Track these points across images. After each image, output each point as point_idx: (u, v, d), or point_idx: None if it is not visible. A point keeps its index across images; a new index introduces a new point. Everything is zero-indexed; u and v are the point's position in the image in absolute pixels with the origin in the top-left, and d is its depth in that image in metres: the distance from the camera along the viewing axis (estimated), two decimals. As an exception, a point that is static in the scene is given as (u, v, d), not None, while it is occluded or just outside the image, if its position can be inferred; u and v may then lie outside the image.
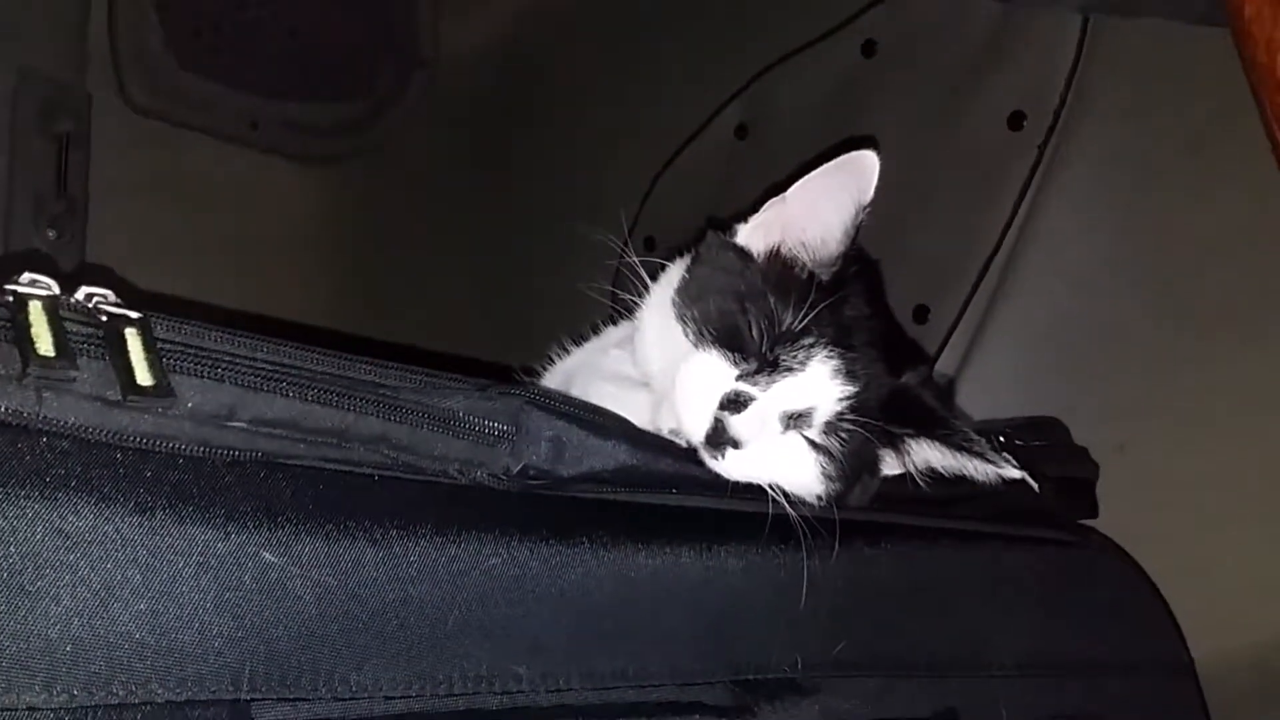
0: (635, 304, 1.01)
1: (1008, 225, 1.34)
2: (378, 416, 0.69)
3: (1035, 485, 0.91)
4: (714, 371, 0.89)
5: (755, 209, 0.96)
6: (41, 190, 1.82)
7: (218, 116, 2.07)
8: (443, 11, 2.21)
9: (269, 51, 2.11)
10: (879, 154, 0.86)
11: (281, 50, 2.12)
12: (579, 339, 1.13)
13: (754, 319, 0.88)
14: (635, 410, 0.88)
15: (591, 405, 0.82)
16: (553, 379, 1.10)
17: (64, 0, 1.90)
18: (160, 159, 2.01)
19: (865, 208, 0.87)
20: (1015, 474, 0.90)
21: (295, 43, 2.13)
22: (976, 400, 1.32)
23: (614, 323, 1.11)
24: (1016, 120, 1.35)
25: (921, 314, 1.40)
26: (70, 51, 1.90)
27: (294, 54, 2.14)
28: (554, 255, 1.93)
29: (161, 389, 0.60)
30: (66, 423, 0.58)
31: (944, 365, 1.37)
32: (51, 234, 1.81)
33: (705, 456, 0.87)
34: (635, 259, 0.99)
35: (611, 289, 1.14)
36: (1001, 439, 1.00)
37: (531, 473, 0.75)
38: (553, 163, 2.00)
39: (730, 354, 0.89)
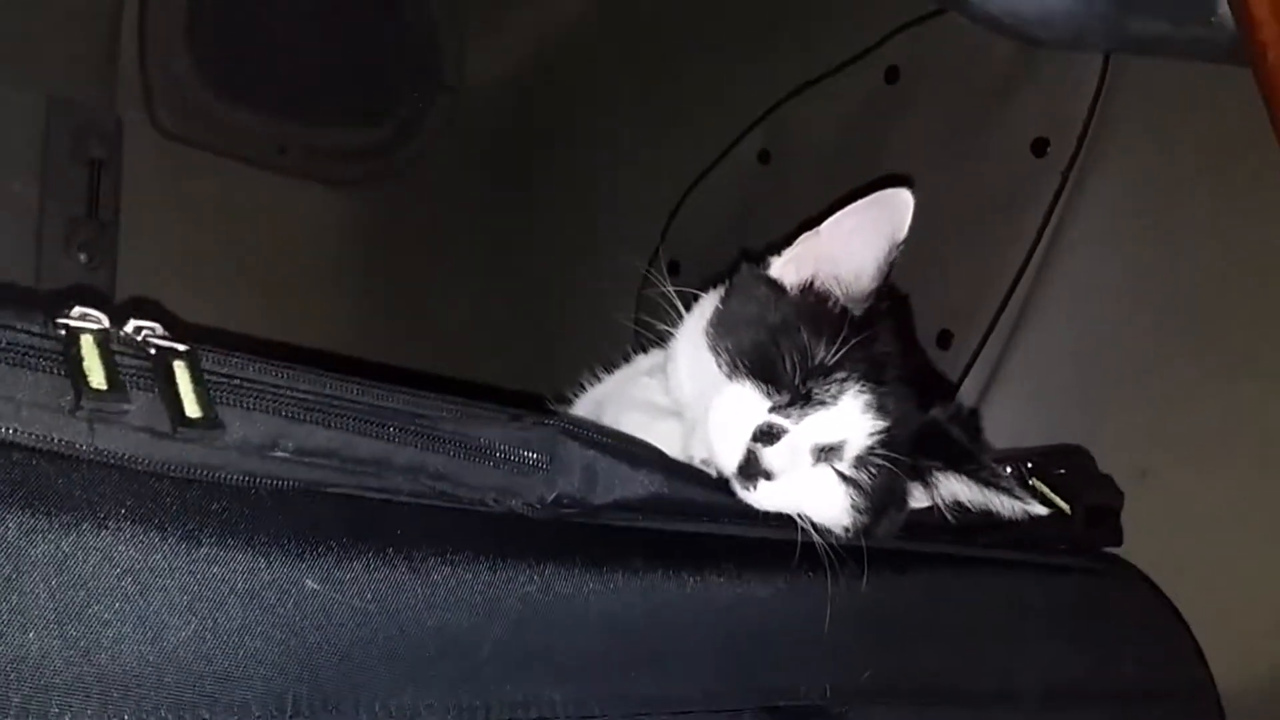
0: (668, 333, 1.02)
1: (1031, 251, 1.34)
2: (416, 446, 0.70)
3: (1068, 510, 0.91)
4: (747, 403, 0.90)
5: (789, 242, 0.97)
6: (73, 215, 1.84)
7: (245, 141, 2.09)
8: (466, 37, 2.23)
9: (296, 77, 2.12)
10: (914, 192, 0.87)
11: (308, 76, 2.14)
12: (609, 366, 1.14)
13: (787, 352, 0.89)
14: (666, 439, 0.89)
15: (624, 434, 0.84)
16: (583, 406, 1.11)
17: (95, 27, 1.93)
18: (189, 183, 2.03)
19: (899, 245, 0.88)
20: (1041, 510, 0.90)
21: (321, 69, 2.15)
22: (1000, 425, 1.32)
23: (643, 350, 1.12)
24: (1040, 147, 1.36)
25: (945, 339, 1.40)
26: (101, 78, 1.93)
27: (320, 80, 2.15)
28: (578, 281, 1.94)
29: (210, 421, 0.61)
30: (117, 453, 0.59)
31: (967, 390, 1.37)
32: (83, 258, 1.83)
33: (737, 487, 0.88)
34: (671, 288, 1.00)
35: (637, 316, 1.15)
36: (1030, 465, 1.01)
37: (565, 501, 0.76)
38: (576, 188, 2.01)
39: (763, 386, 0.90)
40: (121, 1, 1.93)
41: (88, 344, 0.60)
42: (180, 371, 0.62)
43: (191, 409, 0.61)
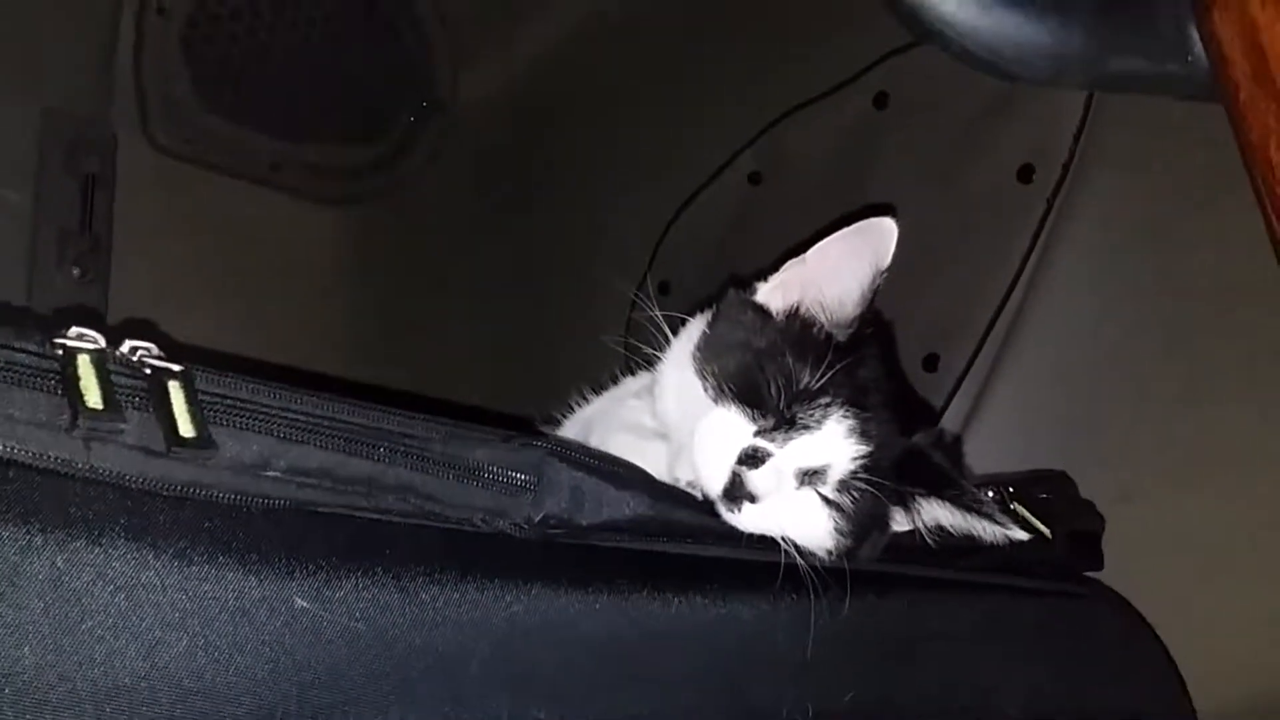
0: (656, 356, 1.03)
1: (1017, 276, 1.35)
2: (406, 467, 0.71)
3: (1049, 535, 0.92)
4: (733, 427, 0.91)
5: (775, 268, 0.98)
6: (66, 229, 1.84)
7: (240, 158, 2.09)
8: (460, 57, 2.24)
9: (291, 95, 2.12)
10: (897, 221, 0.89)
11: (303, 94, 2.14)
12: (598, 388, 1.15)
13: (772, 377, 0.90)
14: (652, 461, 0.90)
15: (611, 456, 0.84)
16: (571, 428, 1.12)
17: (91, 42, 1.93)
18: (182, 199, 2.03)
19: (883, 272, 0.90)
20: (1021, 536, 0.92)
21: (316, 86, 2.15)
22: (986, 448, 1.33)
23: (631, 373, 1.13)
24: (1026, 173, 1.37)
25: (931, 362, 1.42)
26: (96, 93, 1.92)
27: (315, 97, 2.16)
28: (570, 300, 1.95)
29: (203, 440, 0.62)
30: (112, 471, 0.60)
31: (953, 413, 1.38)
32: (75, 272, 1.83)
33: (722, 509, 0.89)
34: (658, 313, 1.01)
35: (626, 339, 1.16)
36: (1011, 490, 1.02)
37: (552, 522, 0.77)
38: (568, 207, 2.01)
39: (749, 410, 0.91)
40: (119, 16, 1.93)
41: (84, 363, 0.61)
42: (175, 391, 0.63)
43: (185, 428, 0.62)
